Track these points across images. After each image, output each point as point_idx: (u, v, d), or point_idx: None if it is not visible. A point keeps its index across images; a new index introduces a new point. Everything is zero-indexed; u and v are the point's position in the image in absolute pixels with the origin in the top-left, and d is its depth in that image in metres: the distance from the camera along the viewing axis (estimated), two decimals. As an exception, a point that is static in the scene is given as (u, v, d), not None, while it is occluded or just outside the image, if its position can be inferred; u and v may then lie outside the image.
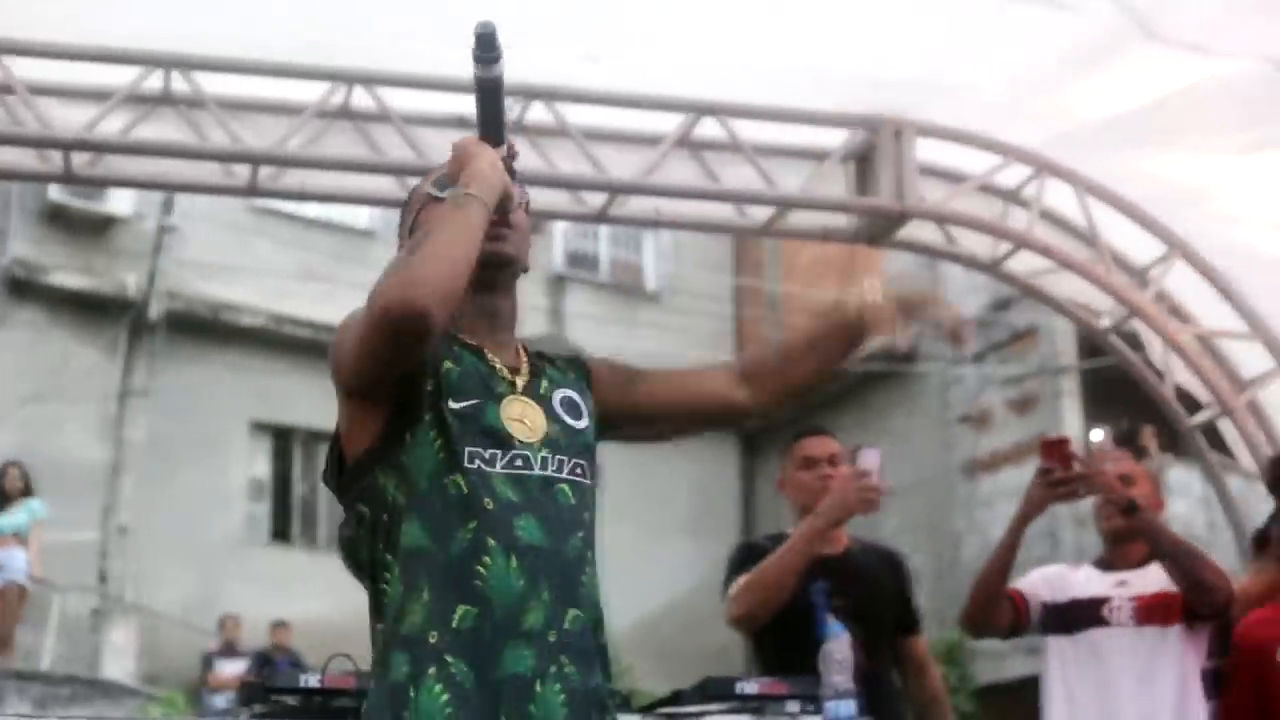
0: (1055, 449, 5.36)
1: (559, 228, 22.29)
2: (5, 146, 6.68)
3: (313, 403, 20.24)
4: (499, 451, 2.87)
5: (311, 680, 3.87)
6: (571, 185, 7.01)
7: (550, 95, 6.76)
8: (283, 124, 6.67)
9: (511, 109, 6.68)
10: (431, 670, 2.71)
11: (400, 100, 6.75)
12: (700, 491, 22.33)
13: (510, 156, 2.97)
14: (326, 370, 2.96)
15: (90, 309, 19.38)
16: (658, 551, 20.41)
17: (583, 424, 3.02)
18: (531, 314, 21.80)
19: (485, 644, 2.74)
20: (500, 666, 2.73)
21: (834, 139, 7.19)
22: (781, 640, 4.95)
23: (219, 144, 6.62)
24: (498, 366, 2.98)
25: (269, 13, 6.36)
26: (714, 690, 4.12)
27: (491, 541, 2.78)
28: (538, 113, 6.79)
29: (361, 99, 6.72)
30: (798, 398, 3.22)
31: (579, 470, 2.96)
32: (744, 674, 4.64)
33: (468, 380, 2.92)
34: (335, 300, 20.94)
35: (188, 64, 6.55)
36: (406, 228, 3.08)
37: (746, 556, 5.19)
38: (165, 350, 19.45)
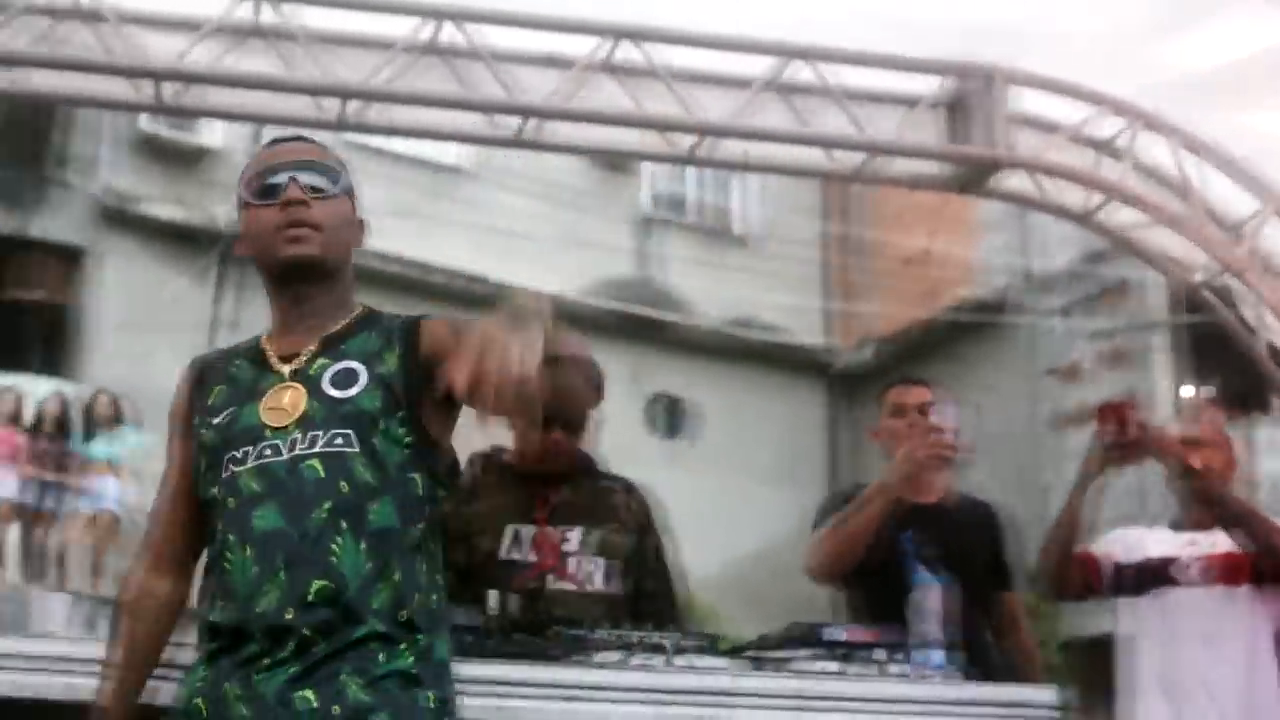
0: (1113, 412, 5.26)
1: (647, 169, 22.22)
2: (97, 75, 6.70)
3: (401, 339, 20.42)
4: (251, 448, 2.97)
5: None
6: (660, 126, 6.96)
7: (641, 35, 6.70)
8: (372, 58, 6.66)
9: (601, 48, 6.63)
10: (200, 655, 2.97)
11: (490, 36, 6.71)
12: (787, 438, 22.25)
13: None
14: (415, 304, 3.03)
15: (182, 239, 19.48)
16: (745, 498, 20.37)
17: (352, 392, 3.02)
18: (618, 255, 21.84)
19: (229, 631, 2.89)
20: (240, 649, 2.87)
21: (926, 86, 7.11)
22: (871, 588, 4.92)
23: (309, 77, 6.61)
24: (272, 360, 3.11)
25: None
26: (800, 636, 4.08)
27: (231, 537, 2.92)
28: (627, 52, 6.74)
29: (451, 35, 6.68)
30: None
31: (339, 440, 2.96)
32: (831, 621, 4.60)
33: (230, 394, 3.10)
34: (426, 236, 21.10)
35: (279, -4, 6.54)
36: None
37: (832, 506, 5.16)
38: (253, 281, 19.50)
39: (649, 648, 3.86)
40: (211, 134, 19.25)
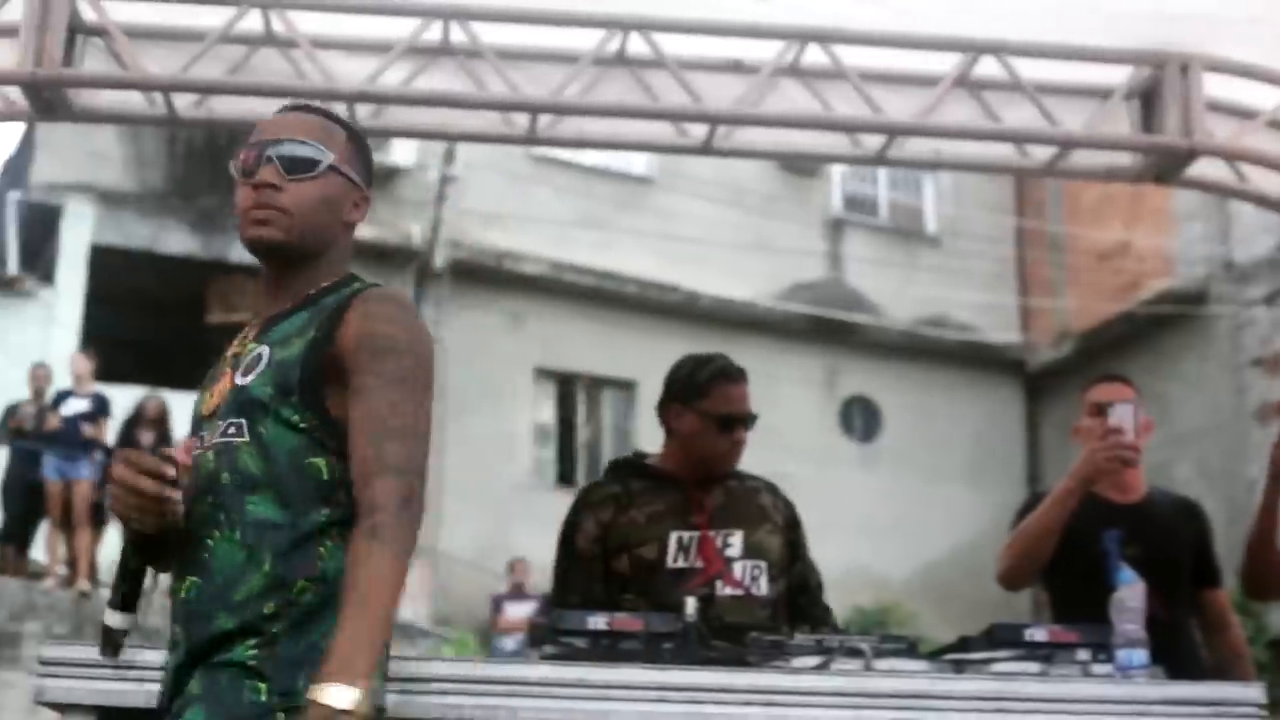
0: None
1: (836, 170, 22.16)
2: (292, 99, 6.82)
3: (594, 349, 20.60)
4: (199, 439, 3.03)
5: (599, 622, 3.89)
6: (848, 127, 6.91)
7: (826, 37, 6.67)
8: (559, 72, 6.69)
9: (786, 52, 6.62)
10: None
11: (675, 45, 6.73)
12: (982, 437, 22.09)
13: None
14: (608, 316, 3.00)
15: (376, 259, 19.80)
16: (940, 498, 20.24)
17: (249, 379, 2.97)
18: (809, 258, 21.80)
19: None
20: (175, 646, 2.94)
21: (1117, 76, 6.98)
22: (1073, 587, 4.86)
23: (497, 93, 6.67)
24: (233, 344, 3.12)
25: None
26: (1001, 637, 4.04)
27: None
28: (813, 55, 6.71)
29: (637, 45, 6.71)
30: None
31: (232, 430, 2.94)
32: (1032, 621, 4.55)
33: (211, 372, 3.12)
34: (617, 247, 21.24)
35: (465, 14, 6.61)
36: None
37: (1027, 510, 5.11)
38: (450, 298, 19.82)
39: (848, 652, 3.84)
40: (403, 153, 19.56)
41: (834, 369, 21.91)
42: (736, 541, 4.66)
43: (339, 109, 6.75)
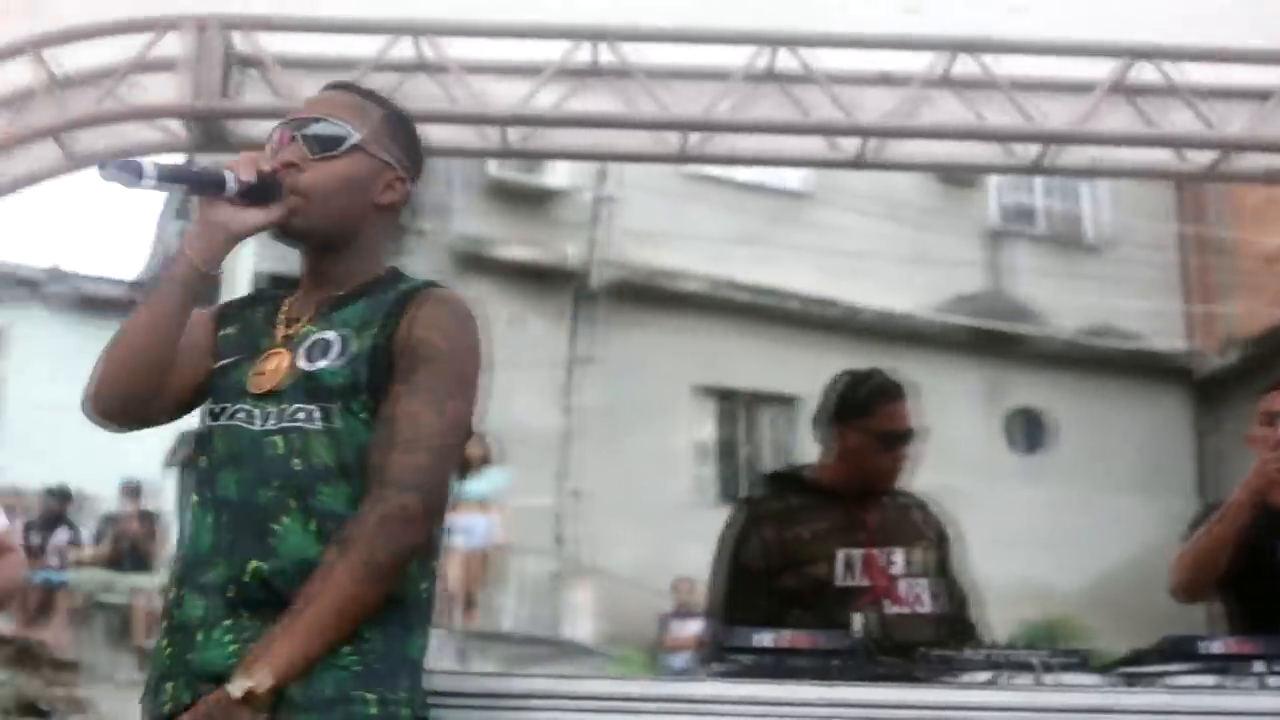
0: None
1: (993, 181, 21.94)
2: (444, 125, 6.88)
3: (755, 365, 20.53)
4: (230, 405, 2.92)
5: (767, 639, 3.87)
6: (1002, 137, 6.85)
7: (976, 47, 6.62)
8: (710, 89, 6.69)
9: (937, 63, 6.57)
10: (166, 614, 2.89)
11: (825, 60, 6.70)
12: (1150, 447, 21.70)
13: (256, 187, 2.87)
14: (767, 332, 2.94)
15: (535, 280, 19.92)
16: (1108, 509, 19.90)
17: (323, 364, 2.90)
18: (969, 269, 21.60)
19: (178, 595, 2.85)
20: (182, 613, 2.82)
21: (1275, 77, 6.84)
22: (1248, 598, 4.78)
23: (648, 112, 6.69)
24: (280, 319, 3.00)
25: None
26: (1176, 649, 3.96)
27: (196, 497, 2.89)
28: (964, 65, 6.66)
29: (787, 60, 6.69)
30: None
31: (301, 415, 2.86)
32: (1207, 633, 4.47)
33: (238, 341, 3.01)
34: (772, 262, 21.15)
35: (615, 35, 6.63)
36: None
37: (1200, 520, 5.01)
38: (608, 318, 19.86)
39: (1018, 666, 3.79)
40: (557, 175, 19.66)
41: (996, 381, 21.65)
42: (899, 559, 4.63)
43: (493, 134, 6.81)
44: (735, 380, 20.94)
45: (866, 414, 4.70)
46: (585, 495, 19.14)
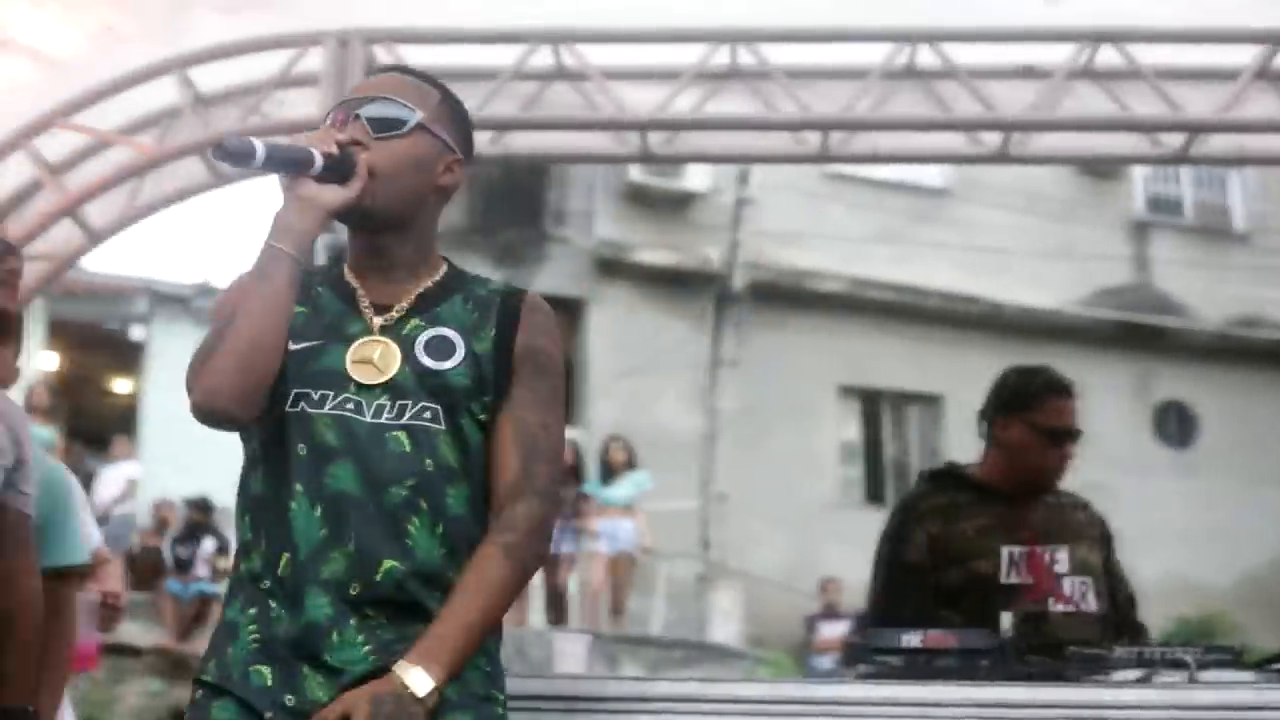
0: None
1: (1138, 172, 21.66)
2: (585, 131, 6.92)
3: (898, 364, 20.44)
4: (330, 392, 2.79)
5: (914, 640, 3.85)
6: (1146, 127, 6.77)
7: (1119, 36, 6.54)
8: (849, 88, 6.67)
9: (1080, 54, 6.51)
10: (252, 611, 2.75)
11: (965, 54, 6.66)
12: (1303, 438, 21.33)
13: (338, 161, 2.80)
14: (910, 331, 2.87)
15: (676, 283, 19.96)
16: (1261, 503, 19.58)
17: (447, 365, 2.83)
18: (1114, 263, 21.34)
19: (291, 590, 2.71)
20: (303, 612, 2.70)
21: None
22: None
23: (788, 113, 6.68)
24: (364, 306, 2.88)
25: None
26: (1329, 646, 3.91)
27: (299, 487, 2.73)
28: (1107, 55, 6.58)
29: (926, 56, 6.65)
30: None
31: (428, 414, 2.79)
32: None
33: (313, 322, 2.87)
34: (913, 261, 21.03)
35: (753, 37, 6.64)
36: None
37: None
38: (750, 320, 19.86)
39: (1170, 664, 3.74)
40: (697, 178, 19.68)
41: (1145, 374, 21.39)
42: (1063, 558, 4.57)
43: (632, 139, 6.84)
44: (878, 380, 20.86)
45: (1034, 407, 4.67)
46: (730, 498, 19.15)
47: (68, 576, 4.37)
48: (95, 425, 19.59)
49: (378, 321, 2.86)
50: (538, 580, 15.23)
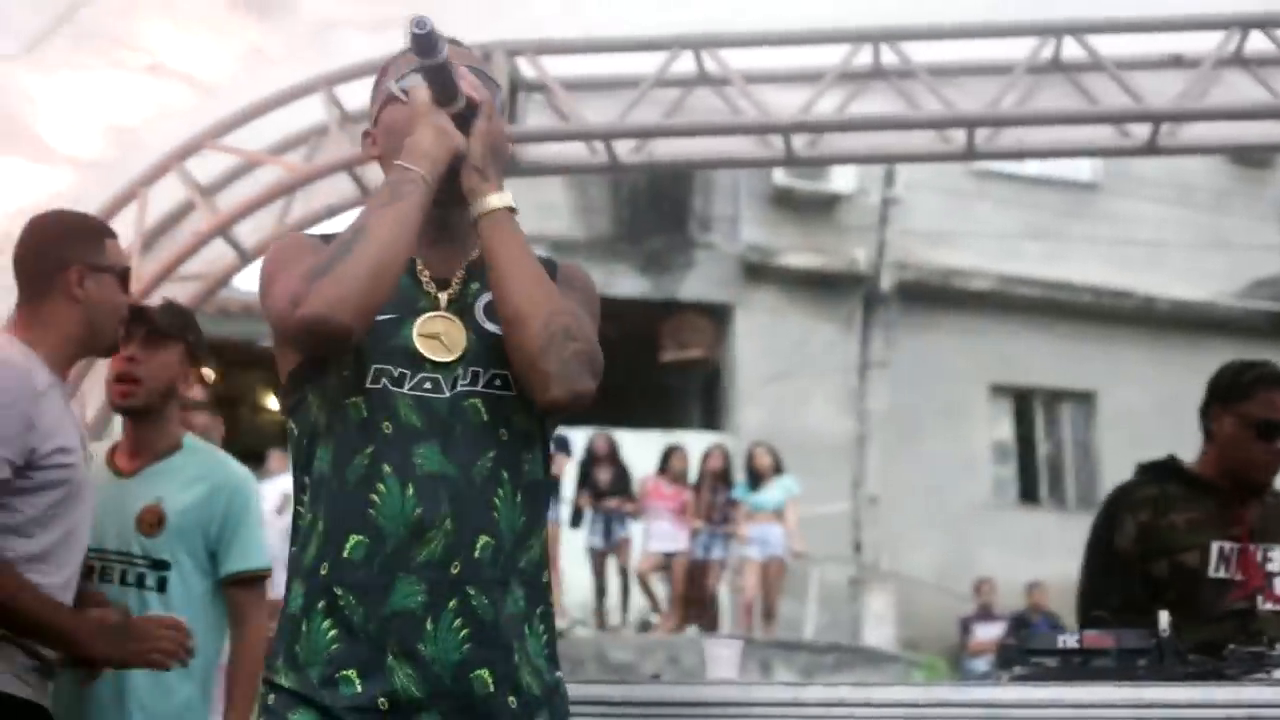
0: None
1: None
2: (728, 136, 6.92)
3: (1050, 361, 20.21)
4: (408, 371, 2.70)
5: (1070, 640, 3.81)
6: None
7: (1269, 22, 6.43)
8: (994, 84, 6.62)
9: (1229, 40, 6.40)
10: (321, 604, 2.63)
11: (1111, 46, 6.58)
12: None
13: (467, 110, 2.75)
14: (1062, 327, 2.79)
15: (823, 286, 19.91)
16: None
17: (499, 328, 2.74)
18: (1269, 253, 20.89)
19: (374, 577, 2.61)
20: (390, 602, 2.60)
21: None
22: None
23: (933, 111, 6.64)
24: (424, 280, 2.79)
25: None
26: None
27: (387, 468, 2.63)
28: (1256, 42, 6.47)
29: (1071, 49, 6.58)
30: None
31: (499, 381, 2.72)
32: None
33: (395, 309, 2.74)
34: (1064, 257, 20.75)
35: (895, 35, 6.60)
36: (371, 114, 2.96)
37: None
38: (899, 320, 19.75)
39: (1335, 661, 3.67)
40: (843, 179, 19.62)
41: (1305, 367, 20.99)
42: (1277, 557, 4.49)
43: (777, 142, 6.83)
44: (1031, 378, 20.65)
45: (1246, 398, 4.58)
46: (882, 500, 19.06)
47: (251, 581, 4.46)
48: (251, 441, 19.87)
49: (443, 297, 2.79)
50: (683, 588, 15.24)
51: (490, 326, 2.76)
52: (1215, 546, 4.48)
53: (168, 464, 4.40)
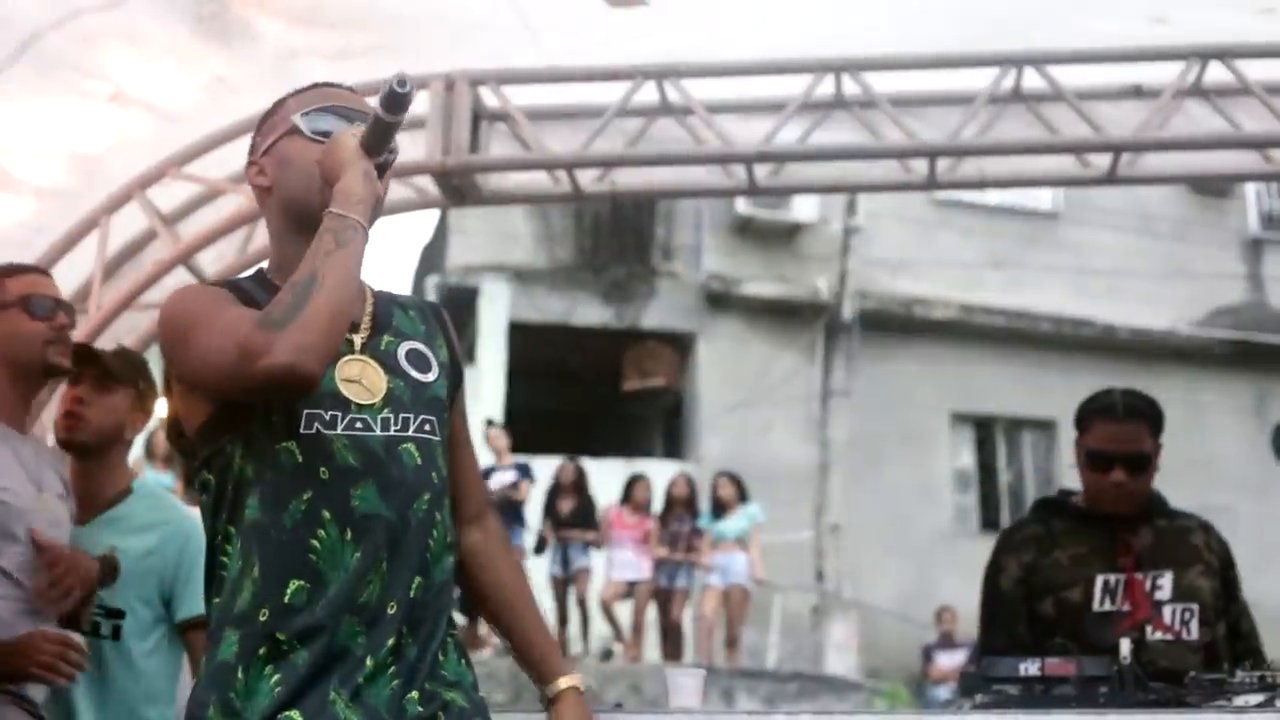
0: None
1: (1250, 189, 21.40)
2: (690, 166, 6.93)
3: (1011, 390, 20.31)
4: (339, 413, 2.72)
5: (1032, 668, 3.82)
6: (1258, 144, 6.69)
7: (1228, 53, 6.48)
8: (955, 114, 6.64)
9: (1189, 71, 6.45)
10: (263, 650, 2.63)
11: (1072, 76, 6.62)
12: None
13: (386, 164, 2.84)
14: (1023, 356, 2.85)
15: (785, 315, 19.96)
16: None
17: (430, 377, 2.87)
18: (1228, 282, 21.08)
19: (317, 620, 2.63)
20: (332, 644, 2.63)
21: None
22: None
23: (894, 141, 6.66)
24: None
25: (927, 5, 6.36)
26: None
27: (326, 513, 2.66)
28: (1216, 73, 6.52)
29: (1032, 79, 6.62)
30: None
31: (427, 427, 2.81)
32: None
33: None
34: (1024, 285, 20.89)
35: (857, 66, 6.62)
36: (260, 144, 2.99)
37: None
38: (861, 349, 19.81)
39: (1295, 687, 3.69)
40: (804, 209, 19.69)
41: (1264, 394, 21.09)
42: (1166, 584, 4.51)
43: (738, 171, 6.84)
44: (992, 406, 20.73)
45: (1084, 430, 4.63)
46: (844, 528, 19.09)
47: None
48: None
49: (356, 339, 2.82)
50: (652, 615, 15.24)
51: (415, 374, 2.85)
52: (1100, 579, 4.49)
53: (118, 511, 4.41)
